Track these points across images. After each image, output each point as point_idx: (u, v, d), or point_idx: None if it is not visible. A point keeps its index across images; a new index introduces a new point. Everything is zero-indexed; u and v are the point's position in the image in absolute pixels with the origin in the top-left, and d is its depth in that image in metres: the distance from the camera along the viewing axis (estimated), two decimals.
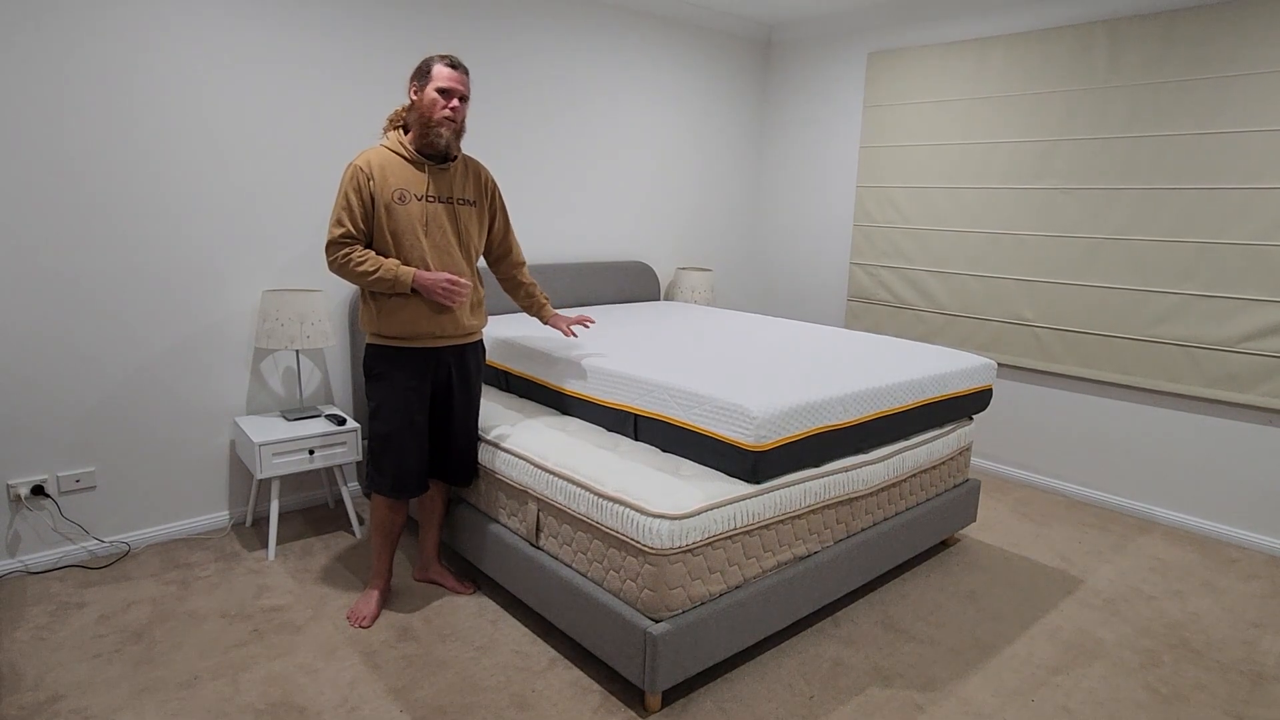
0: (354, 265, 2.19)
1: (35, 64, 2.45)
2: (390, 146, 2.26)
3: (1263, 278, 3.00)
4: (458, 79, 2.22)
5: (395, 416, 2.31)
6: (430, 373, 2.35)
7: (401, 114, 2.32)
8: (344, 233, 2.20)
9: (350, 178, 2.20)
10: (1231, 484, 3.21)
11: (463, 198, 2.35)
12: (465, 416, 2.47)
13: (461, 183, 2.36)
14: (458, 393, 2.42)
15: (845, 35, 4.39)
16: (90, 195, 2.61)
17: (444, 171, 2.31)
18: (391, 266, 2.19)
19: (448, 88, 2.20)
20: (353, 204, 2.20)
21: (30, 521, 2.65)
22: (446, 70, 2.21)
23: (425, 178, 2.27)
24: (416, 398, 2.33)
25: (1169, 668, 2.31)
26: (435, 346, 2.33)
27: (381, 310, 2.26)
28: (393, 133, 2.30)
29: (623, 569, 2.01)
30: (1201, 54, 3.08)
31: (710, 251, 4.81)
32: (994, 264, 3.79)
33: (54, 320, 2.61)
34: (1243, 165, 3.02)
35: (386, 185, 2.21)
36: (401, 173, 2.24)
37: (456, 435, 2.47)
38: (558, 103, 3.84)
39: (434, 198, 2.28)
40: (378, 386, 2.33)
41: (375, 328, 2.29)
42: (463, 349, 2.41)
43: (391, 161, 2.24)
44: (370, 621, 2.39)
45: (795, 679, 2.19)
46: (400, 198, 2.22)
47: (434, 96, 2.20)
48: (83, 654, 2.20)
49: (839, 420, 2.29)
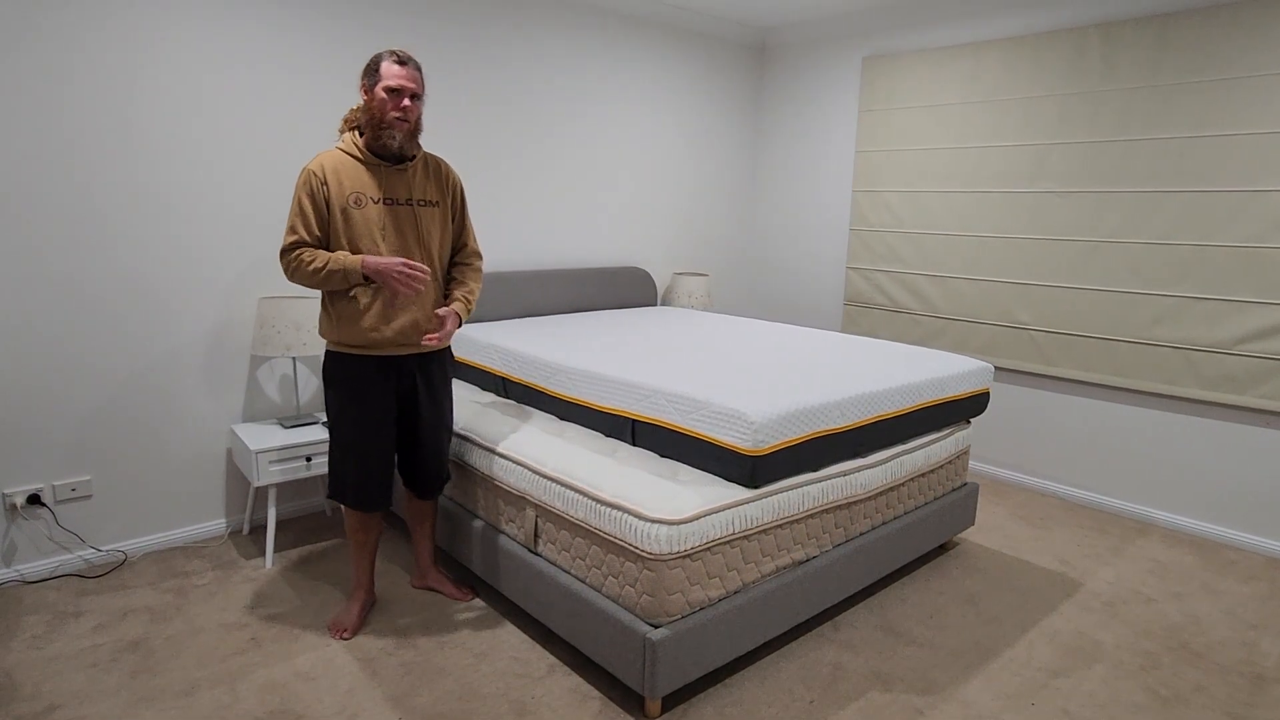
0: (304, 265, 2.10)
1: (35, 71, 2.45)
2: (345, 149, 2.18)
3: (1258, 280, 3.02)
4: (407, 75, 2.12)
5: (357, 427, 2.24)
6: (393, 382, 2.27)
7: (356, 114, 2.22)
8: (296, 239, 2.12)
9: (303, 182, 2.12)
10: (1229, 486, 3.21)
11: (423, 199, 2.26)
12: (434, 427, 2.38)
13: (422, 183, 2.26)
14: (424, 404, 2.34)
15: (840, 40, 4.41)
16: (85, 204, 2.61)
17: (401, 172, 2.22)
18: (340, 257, 2.10)
19: (397, 86, 2.10)
20: (306, 209, 2.11)
21: (26, 530, 2.64)
22: (395, 68, 2.11)
23: (381, 180, 2.18)
24: (379, 407, 2.25)
25: (1169, 670, 2.31)
26: (397, 355, 2.26)
27: (341, 317, 2.18)
28: (347, 134, 2.21)
29: (621, 574, 2.01)
30: (1195, 58, 3.10)
31: (707, 256, 4.82)
32: (990, 268, 3.80)
33: (49, 328, 2.60)
34: (1237, 168, 3.03)
35: (341, 189, 2.13)
36: (356, 176, 2.15)
37: (424, 447, 2.38)
38: (553, 109, 3.85)
39: (391, 200, 2.19)
40: (338, 395, 2.25)
41: (335, 335, 2.21)
42: (426, 357, 2.33)
43: (346, 164, 2.15)
44: (351, 633, 2.36)
45: (795, 684, 2.19)
46: (356, 201, 2.14)
47: (383, 96, 2.11)
48: (80, 663, 2.19)
49: (837, 425, 2.29)
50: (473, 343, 3.10)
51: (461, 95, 3.49)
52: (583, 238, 4.12)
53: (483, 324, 3.40)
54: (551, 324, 3.42)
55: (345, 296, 2.17)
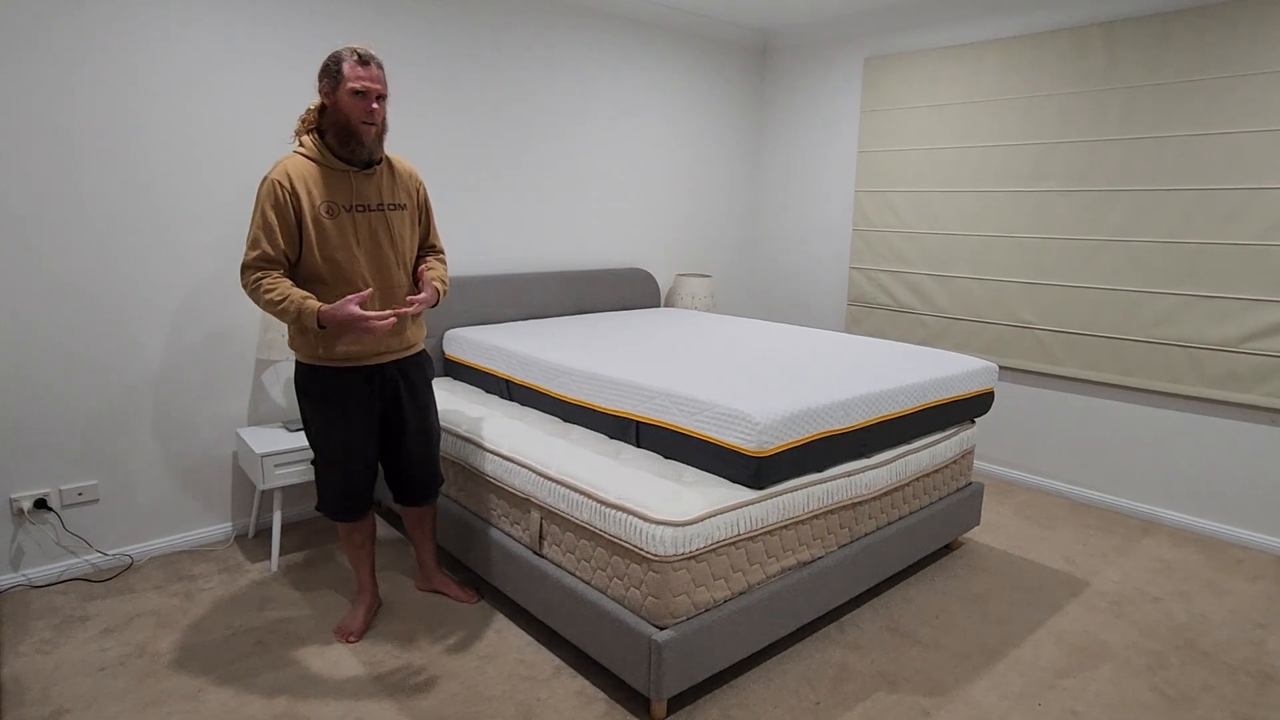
0: (263, 292, 1.97)
1: (40, 76, 2.47)
2: (308, 154, 2.04)
3: (1263, 278, 3.01)
4: (372, 76, 1.99)
5: (340, 439, 2.18)
6: (376, 390, 2.20)
7: (313, 115, 2.08)
8: (259, 255, 1.98)
9: (267, 193, 1.97)
10: (1235, 484, 3.20)
11: (393, 202, 2.16)
12: (420, 432, 2.33)
13: (390, 186, 2.17)
14: (409, 410, 2.28)
15: (841, 41, 4.41)
16: (88, 208, 2.62)
17: (370, 177, 2.12)
18: (297, 300, 1.95)
19: (362, 89, 1.98)
20: (272, 222, 1.97)
21: (33, 535, 2.65)
22: (359, 69, 1.97)
23: (351, 185, 2.07)
24: (362, 418, 2.18)
25: (1176, 669, 2.30)
26: (378, 363, 2.19)
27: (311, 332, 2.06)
28: (307, 138, 2.07)
29: (626, 576, 2.01)
30: (1198, 56, 3.09)
31: (710, 258, 4.82)
32: (994, 267, 3.80)
33: (54, 333, 2.61)
34: (1241, 166, 3.02)
35: (311, 198, 2.00)
36: (325, 183, 2.03)
37: (410, 455, 2.33)
38: (556, 112, 3.86)
39: (363, 206, 2.09)
40: (317, 410, 2.16)
41: (310, 350, 2.10)
42: (405, 361, 2.27)
43: (312, 171, 2.02)
44: (357, 637, 2.36)
45: (801, 685, 2.19)
46: (329, 211, 2.02)
47: (349, 101, 1.98)
48: (87, 667, 2.20)
49: (841, 425, 2.29)
50: (476, 345, 3.10)
51: (464, 98, 3.50)
52: (586, 240, 4.13)
53: (486, 326, 3.40)
54: (554, 326, 3.42)
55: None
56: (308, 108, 2.12)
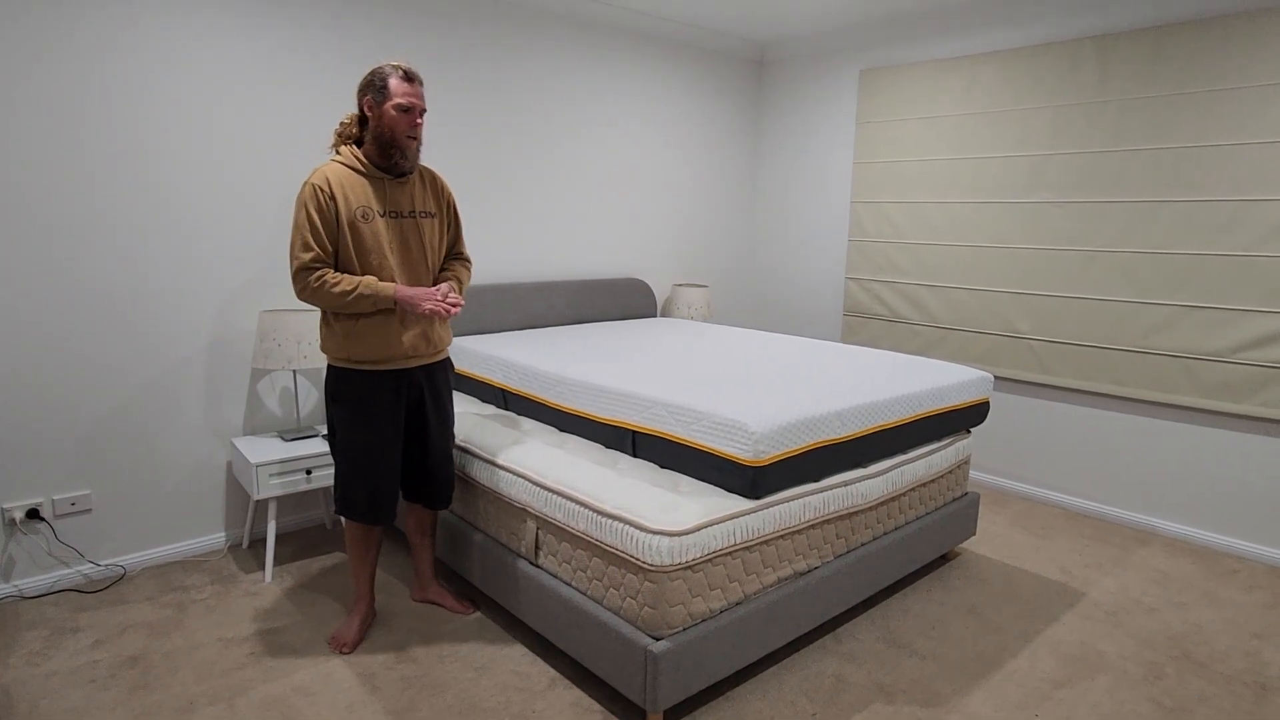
0: (329, 288, 2.06)
1: (48, 84, 2.47)
2: (345, 162, 2.16)
3: (1255, 288, 3.03)
4: (416, 93, 2.12)
5: (368, 441, 2.23)
6: (404, 394, 2.27)
7: (351, 126, 2.20)
8: (314, 256, 2.07)
9: (310, 196, 2.08)
10: (1230, 494, 3.21)
11: (424, 210, 2.27)
12: (440, 436, 2.40)
13: (421, 195, 2.28)
14: (431, 413, 2.35)
15: (837, 53, 4.44)
16: (83, 219, 2.62)
17: (403, 185, 2.23)
18: (370, 282, 2.10)
19: (408, 105, 2.10)
20: (317, 224, 2.07)
21: (25, 545, 2.63)
22: (404, 85, 2.10)
23: (385, 193, 2.18)
24: (390, 421, 2.25)
25: (1172, 680, 2.30)
26: (406, 367, 2.26)
27: (350, 333, 2.16)
28: (344, 147, 2.19)
29: (623, 586, 2.00)
30: (1190, 69, 3.12)
31: (706, 268, 4.83)
32: (988, 277, 3.82)
33: (49, 341, 2.60)
34: (1232, 178, 3.05)
35: (348, 203, 2.11)
36: (362, 189, 2.14)
37: (433, 456, 2.39)
38: (554, 123, 3.87)
39: (396, 213, 2.20)
40: (347, 411, 2.23)
41: (344, 352, 2.18)
42: (431, 368, 2.34)
43: (349, 178, 2.13)
44: (351, 647, 2.35)
45: (797, 696, 2.18)
46: (364, 215, 2.13)
47: (394, 115, 2.10)
48: (78, 680, 2.18)
49: (837, 435, 2.29)
50: (473, 355, 3.10)
51: (464, 109, 3.51)
52: (583, 250, 4.14)
53: (483, 336, 3.40)
54: (551, 336, 3.42)
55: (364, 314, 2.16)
56: (341, 120, 2.24)
